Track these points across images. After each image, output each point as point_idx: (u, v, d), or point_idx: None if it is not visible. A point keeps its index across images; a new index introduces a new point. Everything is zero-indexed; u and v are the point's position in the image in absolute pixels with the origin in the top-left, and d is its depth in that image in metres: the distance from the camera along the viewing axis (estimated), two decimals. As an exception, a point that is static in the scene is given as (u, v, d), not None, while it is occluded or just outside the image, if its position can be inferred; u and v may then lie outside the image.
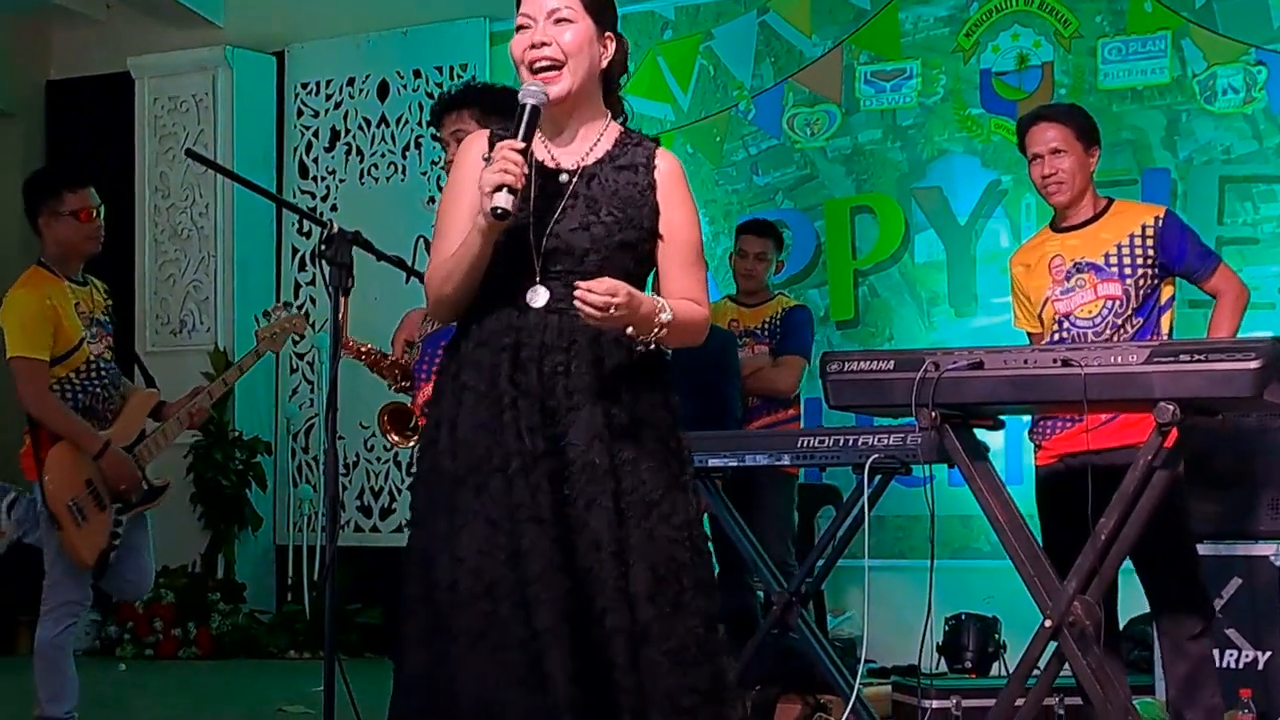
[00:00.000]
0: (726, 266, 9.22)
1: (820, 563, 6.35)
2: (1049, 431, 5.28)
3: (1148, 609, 5.36)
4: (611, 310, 3.41)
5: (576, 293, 3.43)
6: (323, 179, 10.53)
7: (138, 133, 10.71)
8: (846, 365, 4.82)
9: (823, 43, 9.20)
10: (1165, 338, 5.17)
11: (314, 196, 10.50)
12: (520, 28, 3.62)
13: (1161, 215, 5.33)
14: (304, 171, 10.61)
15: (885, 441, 5.65)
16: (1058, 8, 8.67)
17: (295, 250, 10.58)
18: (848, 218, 9.04)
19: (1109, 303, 5.20)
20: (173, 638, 9.69)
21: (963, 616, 7.31)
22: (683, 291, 3.67)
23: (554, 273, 3.56)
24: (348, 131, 10.47)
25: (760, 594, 7.01)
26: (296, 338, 6.44)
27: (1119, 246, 5.25)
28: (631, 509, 3.55)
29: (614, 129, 3.72)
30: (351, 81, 10.45)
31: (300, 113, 10.64)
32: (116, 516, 5.89)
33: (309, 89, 10.62)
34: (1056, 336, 5.26)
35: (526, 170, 3.48)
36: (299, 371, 10.50)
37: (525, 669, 3.46)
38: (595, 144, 3.68)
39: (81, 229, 5.92)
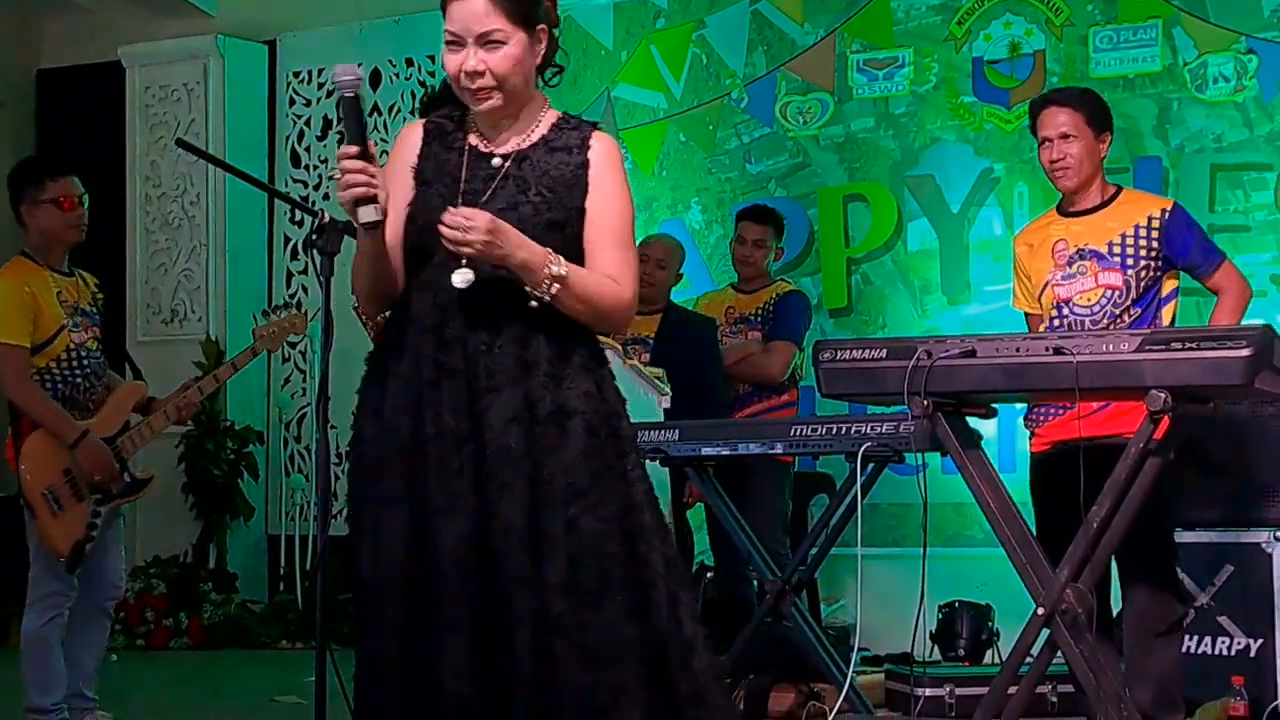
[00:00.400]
0: (720, 254, 9.24)
1: (813, 551, 6.37)
2: (1043, 418, 5.29)
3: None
4: (466, 233, 3.35)
5: (444, 216, 3.40)
6: (315, 168, 10.51)
7: (129, 122, 10.69)
8: (839, 353, 4.81)
9: (815, 31, 9.20)
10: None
11: (306, 185, 10.49)
12: (449, 43, 3.56)
13: (1169, 208, 5.31)
14: (296, 160, 10.59)
15: (878, 430, 5.66)
16: (1050, -5, 8.67)
17: (287, 239, 10.57)
18: (840, 206, 9.04)
19: (1108, 292, 5.19)
20: (164, 628, 9.69)
21: (956, 604, 7.33)
22: (603, 268, 3.58)
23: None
24: (340, 120, 10.43)
25: (755, 582, 7.02)
26: (295, 338, 6.42)
27: (1123, 236, 5.24)
28: (551, 497, 3.45)
29: (551, 115, 3.67)
30: (344, 70, 10.42)
31: (292, 101, 10.63)
32: (95, 508, 5.87)
33: (300, 78, 10.61)
34: (1055, 322, 5.26)
35: (374, 170, 3.45)
36: (291, 361, 10.49)
37: (433, 666, 3.43)
38: (531, 131, 3.64)
39: (63, 217, 5.91)
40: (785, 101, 9.26)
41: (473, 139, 3.65)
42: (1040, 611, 4.59)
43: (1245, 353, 4.27)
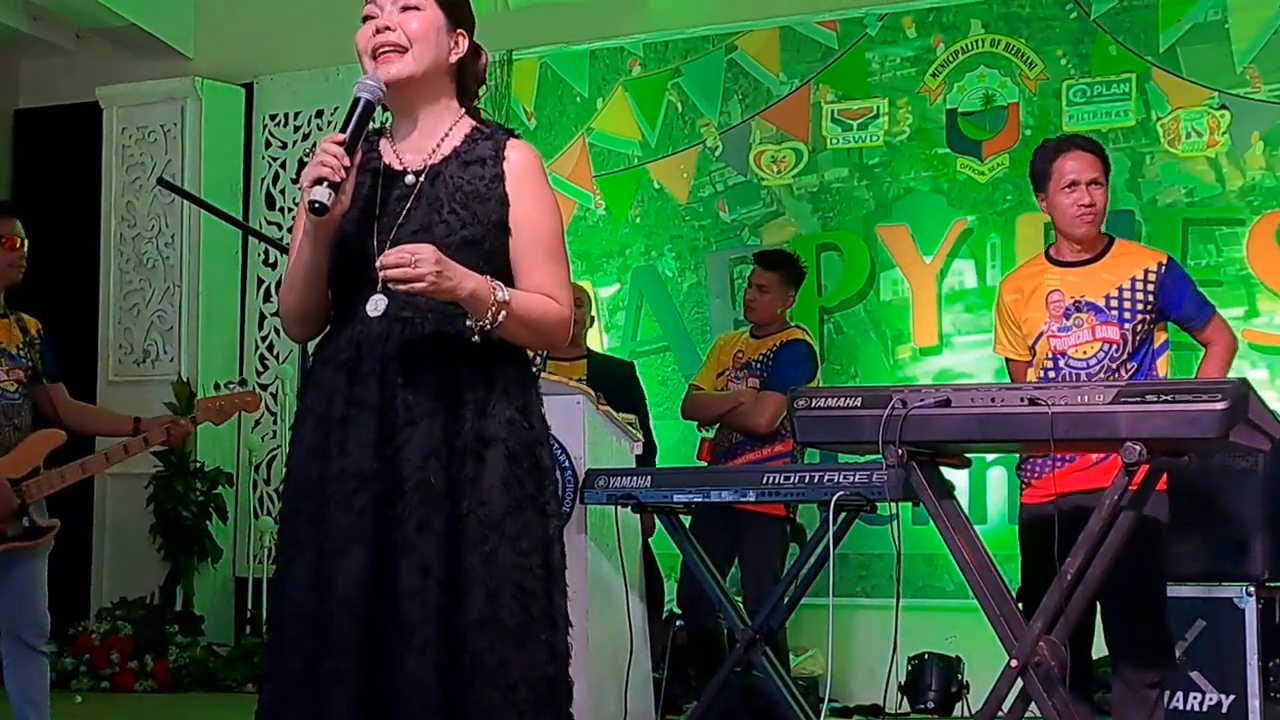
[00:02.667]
0: (693, 301, 9.27)
1: (784, 600, 6.35)
2: (1040, 470, 5.21)
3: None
4: (415, 267, 3.20)
5: (379, 263, 3.26)
6: (289, 210, 10.50)
7: (105, 162, 10.66)
8: (814, 401, 4.80)
9: (790, 81, 9.24)
10: None
11: (280, 228, 10.47)
12: (367, 18, 3.50)
13: (1164, 261, 5.26)
14: (270, 202, 10.59)
15: (851, 479, 5.63)
16: (1023, 49, 8.72)
17: (260, 281, 10.55)
18: (814, 255, 9.06)
19: (1106, 345, 5.14)
20: (129, 670, 9.61)
21: (925, 656, 7.32)
22: (535, 287, 3.44)
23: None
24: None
25: (725, 629, 7.00)
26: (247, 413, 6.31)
27: (1120, 289, 5.18)
28: (470, 531, 3.32)
29: (465, 124, 3.55)
30: (320, 114, 10.44)
31: (268, 144, 10.63)
32: None
33: (277, 120, 10.61)
34: (1050, 374, 5.20)
35: (348, 163, 3.33)
36: (261, 403, 10.46)
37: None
38: (442, 140, 3.52)
39: (3, 255, 5.93)
40: (759, 150, 9.30)
41: (386, 155, 3.54)
42: (1014, 664, 4.57)
43: (1220, 406, 4.27)
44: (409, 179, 3.49)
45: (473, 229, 3.42)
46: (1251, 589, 6.07)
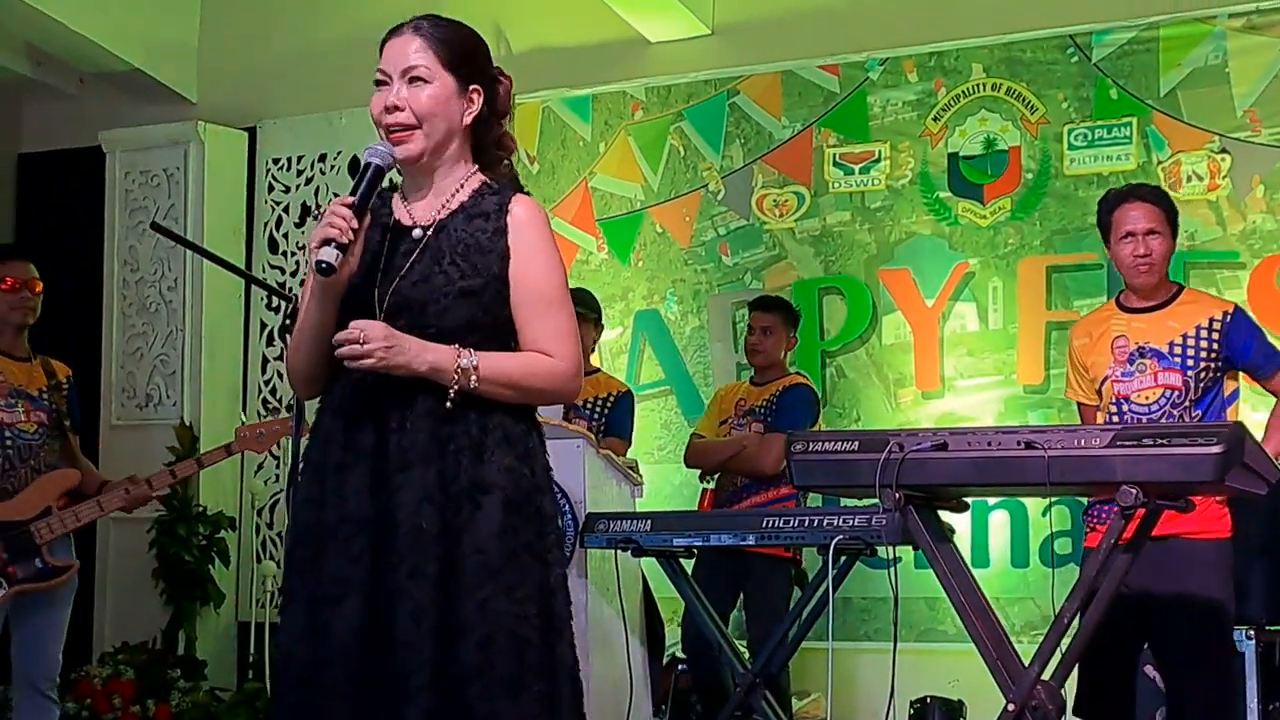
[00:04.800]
0: (695, 345, 9.26)
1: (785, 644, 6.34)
2: (1106, 515, 5.14)
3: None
4: (365, 345, 3.29)
5: (334, 340, 3.33)
6: (292, 254, 10.51)
7: (108, 206, 10.65)
8: (811, 445, 4.81)
9: (792, 125, 9.25)
10: None
11: (283, 271, 10.49)
12: (378, 83, 3.54)
13: (1231, 311, 5.36)
14: (274, 246, 10.59)
15: (850, 522, 5.64)
16: (1024, 93, 8.73)
17: (264, 325, 10.55)
18: (816, 298, 9.06)
19: (1168, 392, 5.21)
20: (131, 715, 9.57)
21: (928, 700, 7.29)
22: (532, 342, 3.51)
23: (397, 329, 3.40)
24: (318, 207, 10.43)
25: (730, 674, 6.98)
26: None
27: (1184, 337, 5.27)
28: (464, 578, 3.32)
29: (475, 179, 3.61)
30: (323, 158, 10.46)
31: (271, 188, 10.64)
32: None
33: (280, 164, 10.63)
34: (1114, 418, 5.28)
35: (356, 225, 3.38)
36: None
37: None
38: (452, 196, 3.57)
39: (4, 298, 6.04)
40: (762, 194, 9.31)
41: (398, 210, 3.59)
42: (1010, 708, 4.57)
43: (1216, 450, 4.28)
44: (416, 233, 3.54)
45: (472, 280, 3.46)
46: (1251, 632, 6.07)
